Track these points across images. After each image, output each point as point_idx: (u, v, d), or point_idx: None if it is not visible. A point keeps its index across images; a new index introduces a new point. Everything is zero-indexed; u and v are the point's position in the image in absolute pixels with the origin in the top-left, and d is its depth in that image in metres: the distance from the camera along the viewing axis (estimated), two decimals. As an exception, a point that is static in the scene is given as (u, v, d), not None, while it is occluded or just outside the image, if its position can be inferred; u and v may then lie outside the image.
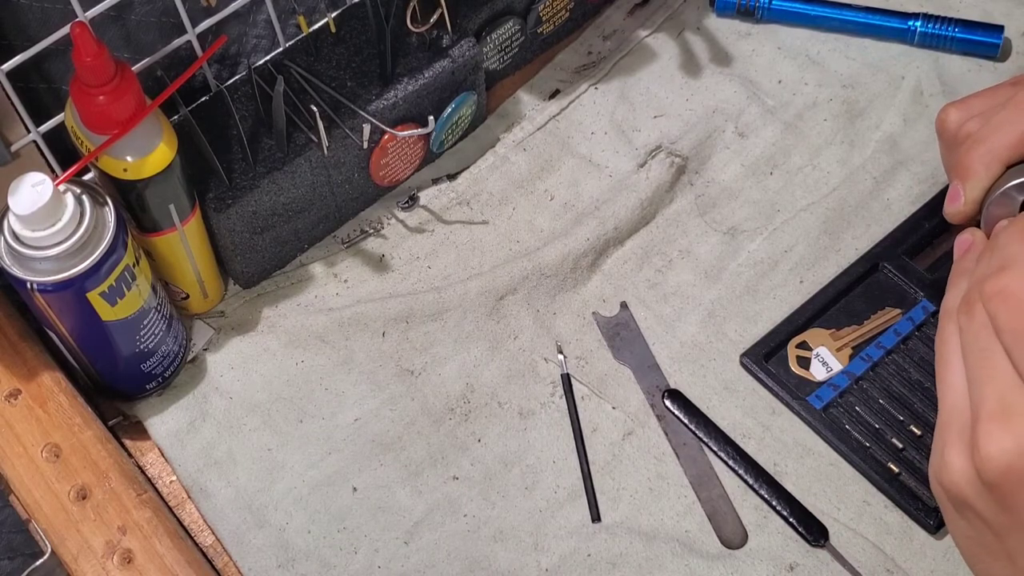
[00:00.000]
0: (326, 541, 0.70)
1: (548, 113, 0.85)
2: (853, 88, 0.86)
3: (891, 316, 0.76)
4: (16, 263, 0.63)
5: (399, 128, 0.77)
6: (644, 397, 0.74)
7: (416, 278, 0.79)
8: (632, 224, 0.80)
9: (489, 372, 0.75)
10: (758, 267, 0.79)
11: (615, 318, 0.77)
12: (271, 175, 0.73)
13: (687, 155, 0.83)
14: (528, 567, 0.69)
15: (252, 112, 0.75)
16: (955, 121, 0.70)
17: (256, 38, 0.78)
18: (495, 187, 0.83)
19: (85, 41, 0.60)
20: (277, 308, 0.78)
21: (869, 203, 0.81)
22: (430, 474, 0.72)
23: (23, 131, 0.69)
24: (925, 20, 0.86)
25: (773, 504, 0.70)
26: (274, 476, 0.72)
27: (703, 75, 0.87)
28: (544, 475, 0.72)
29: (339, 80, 0.76)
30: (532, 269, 0.78)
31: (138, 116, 0.63)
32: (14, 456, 0.69)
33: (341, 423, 0.74)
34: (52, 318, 0.66)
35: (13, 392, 0.71)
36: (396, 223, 0.81)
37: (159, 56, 0.72)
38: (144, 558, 0.66)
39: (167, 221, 0.69)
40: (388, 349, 0.76)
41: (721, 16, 0.90)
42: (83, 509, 0.68)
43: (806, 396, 0.73)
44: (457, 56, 0.78)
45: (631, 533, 0.70)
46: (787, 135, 0.84)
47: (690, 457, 0.72)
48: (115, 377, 0.72)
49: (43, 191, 0.61)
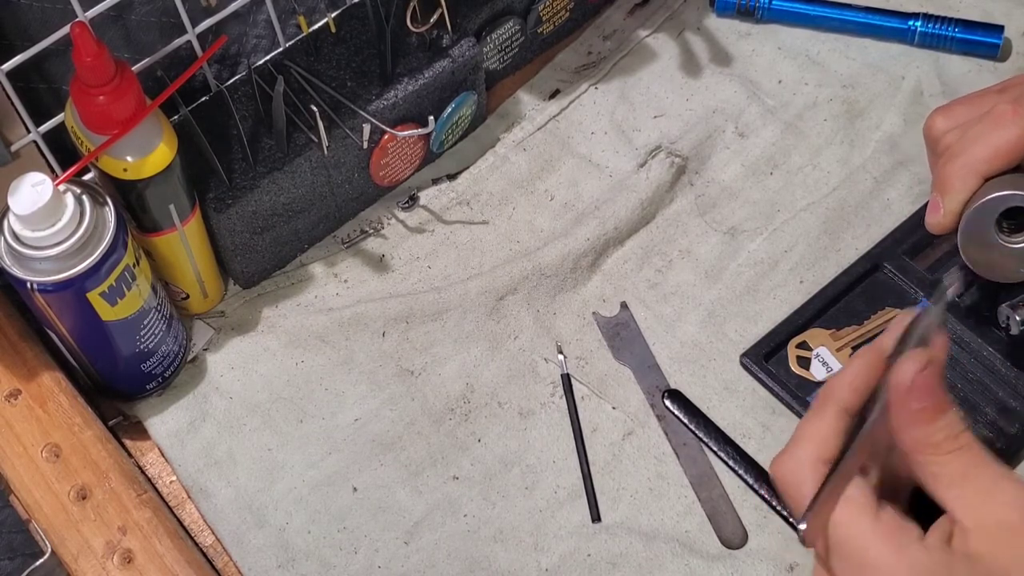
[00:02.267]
0: (326, 541, 0.70)
1: (548, 113, 0.85)
2: (853, 88, 0.86)
3: (891, 316, 0.76)
4: (16, 263, 0.63)
5: (399, 128, 0.77)
6: (644, 397, 0.74)
7: (416, 278, 0.79)
8: (632, 224, 0.80)
9: (489, 372, 0.75)
10: (758, 267, 0.79)
11: (615, 318, 0.77)
12: (271, 175, 0.73)
13: (687, 155, 0.83)
14: (528, 567, 0.69)
15: (252, 112, 0.75)
16: (939, 130, 0.70)
17: (256, 38, 0.78)
18: (495, 187, 0.83)
19: (85, 41, 0.60)
20: (277, 308, 0.78)
21: (869, 203, 0.81)
22: (430, 474, 0.72)
23: (23, 131, 0.69)
24: (925, 20, 0.86)
25: (773, 504, 0.70)
26: (274, 476, 0.72)
27: (703, 75, 0.87)
28: (544, 475, 0.72)
29: (339, 80, 0.76)
30: (532, 269, 0.78)
31: (138, 116, 0.63)
32: (14, 456, 0.69)
33: (341, 423, 0.74)
34: (52, 318, 0.66)
35: (13, 392, 0.71)
36: (396, 223, 0.81)
37: (159, 56, 0.72)
38: (144, 558, 0.66)
39: (167, 221, 0.69)
40: (388, 349, 0.76)
41: (721, 16, 0.90)
42: (83, 509, 0.68)
43: (806, 396, 0.73)
44: (457, 56, 0.78)
45: (631, 533, 0.70)
46: (787, 135, 0.84)
47: (690, 457, 0.72)
48: (115, 377, 0.72)
49: (43, 191, 0.61)
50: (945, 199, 0.67)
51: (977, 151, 0.66)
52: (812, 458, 0.54)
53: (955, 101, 0.72)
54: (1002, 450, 0.70)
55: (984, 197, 0.65)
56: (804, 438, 0.55)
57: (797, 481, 0.54)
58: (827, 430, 0.54)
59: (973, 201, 0.66)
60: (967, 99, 0.71)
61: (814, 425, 0.55)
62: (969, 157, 0.66)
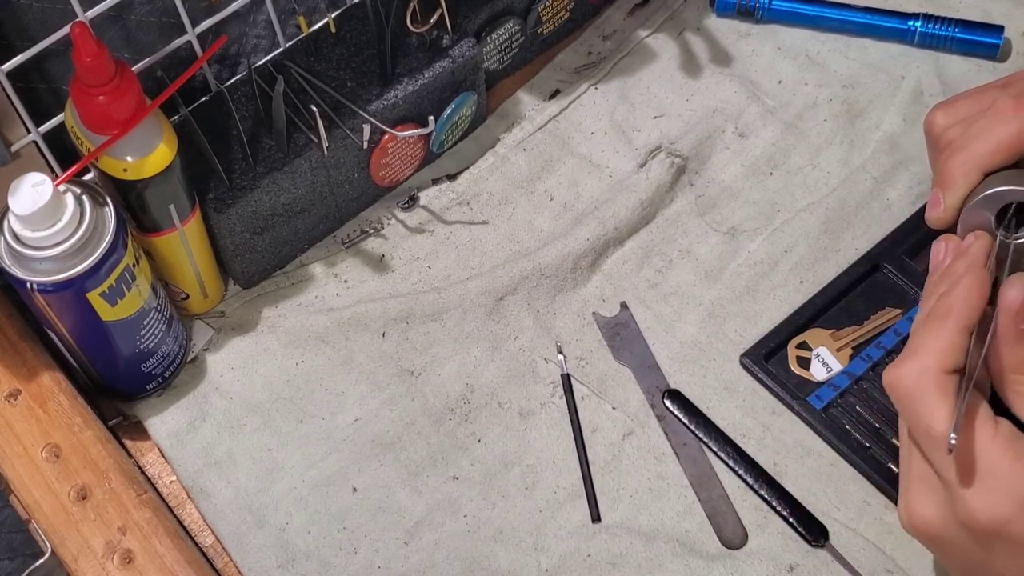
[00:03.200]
0: (326, 541, 0.70)
1: (548, 113, 0.85)
2: (853, 88, 0.86)
3: (891, 316, 0.76)
4: (16, 263, 0.63)
5: (399, 128, 0.77)
6: (644, 397, 0.74)
7: (416, 278, 0.79)
8: (632, 224, 0.80)
9: (489, 372, 0.75)
10: (758, 267, 0.79)
11: (615, 318, 0.77)
12: (271, 175, 0.73)
13: (687, 155, 0.83)
14: (528, 567, 0.69)
15: (252, 112, 0.75)
16: (940, 125, 0.70)
17: (256, 38, 0.78)
18: (495, 187, 0.83)
19: (85, 41, 0.60)
20: (277, 308, 0.78)
21: (869, 203, 0.81)
22: (430, 474, 0.72)
23: (23, 131, 0.69)
24: (925, 20, 0.86)
25: (773, 504, 0.70)
26: (274, 476, 0.72)
27: (703, 75, 0.87)
28: (544, 475, 0.72)
29: (339, 80, 0.76)
30: (532, 269, 0.78)
31: (138, 116, 0.63)
32: (14, 456, 0.69)
33: (341, 423, 0.74)
34: (52, 318, 0.66)
35: (13, 392, 0.71)
36: (396, 223, 0.81)
37: (159, 56, 0.72)
38: (144, 558, 0.66)
39: (167, 221, 0.69)
40: (388, 349, 0.76)
41: (721, 16, 0.90)
42: (83, 509, 0.68)
43: (806, 396, 0.73)
44: (457, 56, 0.78)
45: (631, 533, 0.70)
46: (787, 135, 0.84)
47: (690, 457, 0.72)
48: (115, 377, 0.72)
49: (43, 191, 0.61)
50: (946, 194, 0.67)
51: (978, 146, 0.66)
52: (936, 368, 0.56)
53: (956, 96, 0.72)
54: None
55: (984, 192, 0.65)
56: (927, 349, 0.57)
57: (922, 391, 0.56)
58: (949, 343, 0.57)
59: (973, 196, 0.66)
60: (968, 94, 0.71)
61: (937, 337, 0.57)
62: (970, 152, 0.66)
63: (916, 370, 0.57)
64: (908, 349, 0.58)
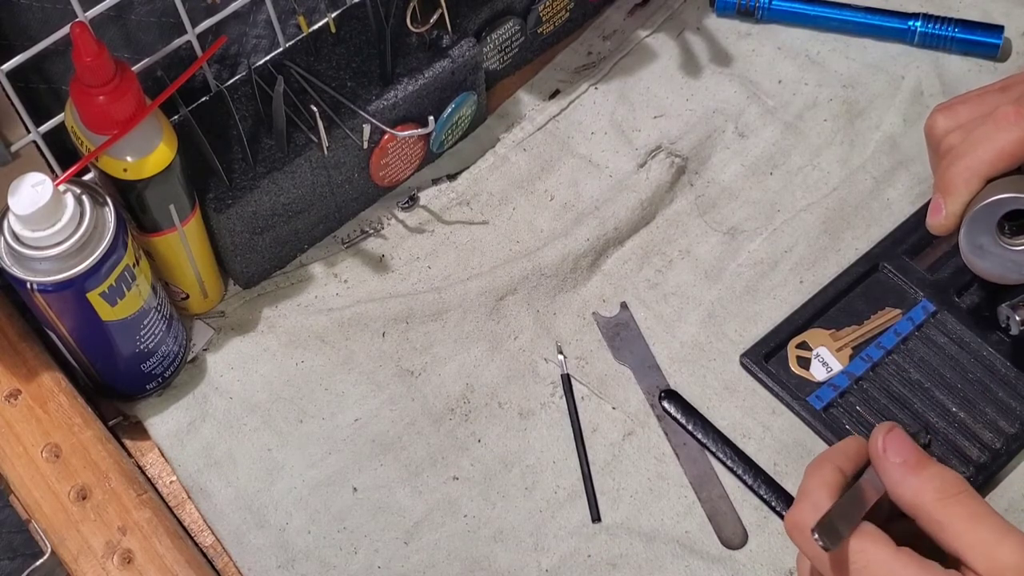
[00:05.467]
0: (326, 541, 0.70)
1: (548, 113, 0.85)
2: (853, 88, 0.86)
3: (891, 316, 0.76)
4: (16, 263, 0.63)
5: (399, 128, 0.77)
6: (644, 397, 0.74)
7: (416, 278, 0.79)
8: (632, 224, 0.80)
9: (489, 372, 0.75)
10: (758, 267, 0.79)
11: (615, 318, 0.77)
12: (271, 175, 0.73)
13: (687, 155, 0.83)
14: (528, 567, 0.69)
15: (252, 112, 0.75)
16: (941, 129, 0.71)
17: (256, 38, 0.78)
18: (495, 187, 0.83)
19: (85, 41, 0.60)
20: (277, 308, 0.78)
21: (869, 203, 0.81)
22: (430, 474, 0.72)
23: (23, 131, 0.69)
24: (925, 20, 0.86)
25: (773, 504, 0.70)
26: (274, 476, 0.72)
27: (703, 75, 0.87)
28: (544, 475, 0.72)
29: (339, 80, 0.76)
30: (532, 269, 0.78)
31: (138, 116, 0.63)
32: (14, 456, 0.69)
33: (341, 423, 0.74)
34: (52, 318, 0.66)
35: (13, 392, 0.71)
36: (396, 223, 0.81)
37: (159, 56, 0.72)
38: (144, 558, 0.66)
39: (167, 221, 0.69)
40: (388, 349, 0.76)
41: (721, 16, 0.90)
42: (83, 509, 0.68)
43: (806, 396, 0.73)
44: (457, 56, 0.78)
45: (631, 533, 0.70)
46: (787, 135, 0.84)
47: (690, 457, 0.72)
48: (115, 377, 0.72)
49: (43, 191, 0.61)
50: (947, 201, 0.67)
51: (980, 153, 0.66)
52: (820, 506, 0.56)
53: (956, 100, 0.72)
54: (1001, 451, 0.70)
55: (986, 199, 0.65)
56: (807, 491, 0.58)
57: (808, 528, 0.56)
58: (827, 480, 0.58)
59: (975, 203, 0.66)
60: (968, 98, 0.71)
61: (814, 480, 0.58)
62: (972, 159, 0.66)
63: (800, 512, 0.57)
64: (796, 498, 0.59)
